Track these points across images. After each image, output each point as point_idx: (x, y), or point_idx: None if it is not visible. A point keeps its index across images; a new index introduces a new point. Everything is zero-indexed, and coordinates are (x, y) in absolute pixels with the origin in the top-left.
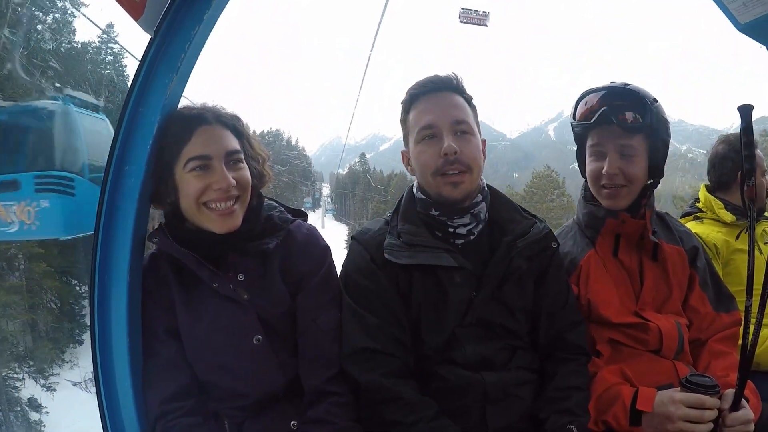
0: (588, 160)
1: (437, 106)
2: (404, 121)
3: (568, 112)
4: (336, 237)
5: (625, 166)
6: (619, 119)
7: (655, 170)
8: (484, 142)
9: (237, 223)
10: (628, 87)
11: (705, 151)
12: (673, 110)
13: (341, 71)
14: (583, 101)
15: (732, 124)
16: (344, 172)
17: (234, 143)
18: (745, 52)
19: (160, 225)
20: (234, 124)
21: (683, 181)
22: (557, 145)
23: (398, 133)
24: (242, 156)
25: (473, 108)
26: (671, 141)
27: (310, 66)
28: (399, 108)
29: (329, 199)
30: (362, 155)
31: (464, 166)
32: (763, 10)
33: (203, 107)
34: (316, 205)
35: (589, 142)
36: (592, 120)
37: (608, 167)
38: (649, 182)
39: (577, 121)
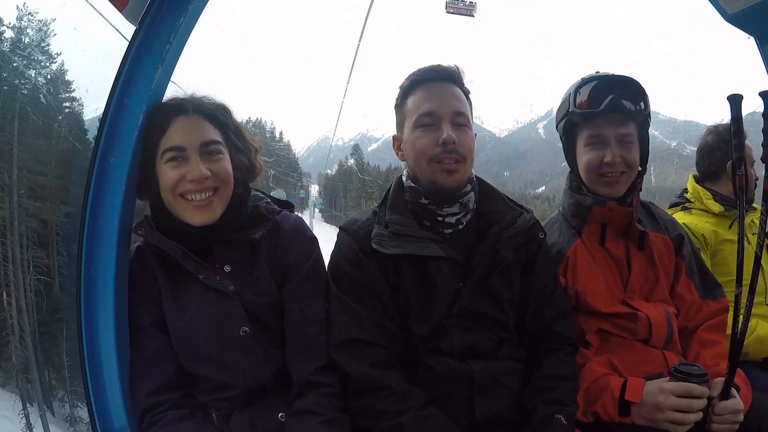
0: (584, 149)
1: (439, 95)
2: (401, 106)
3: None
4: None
5: (625, 154)
6: (625, 107)
7: (645, 157)
8: (475, 135)
9: (215, 215)
10: (627, 76)
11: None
12: (663, 107)
13: (329, 70)
14: (580, 90)
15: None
16: (332, 173)
17: (211, 134)
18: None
19: (146, 217)
20: (214, 114)
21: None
22: (548, 143)
23: (386, 133)
24: (221, 147)
25: (470, 102)
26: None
27: (298, 62)
28: (386, 107)
29: (317, 195)
30: (356, 146)
31: (460, 156)
32: (751, 0)
33: (185, 97)
34: (302, 205)
35: (585, 133)
36: (600, 107)
37: (611, 156)
38: (639, 169)
39: (579, 109)
